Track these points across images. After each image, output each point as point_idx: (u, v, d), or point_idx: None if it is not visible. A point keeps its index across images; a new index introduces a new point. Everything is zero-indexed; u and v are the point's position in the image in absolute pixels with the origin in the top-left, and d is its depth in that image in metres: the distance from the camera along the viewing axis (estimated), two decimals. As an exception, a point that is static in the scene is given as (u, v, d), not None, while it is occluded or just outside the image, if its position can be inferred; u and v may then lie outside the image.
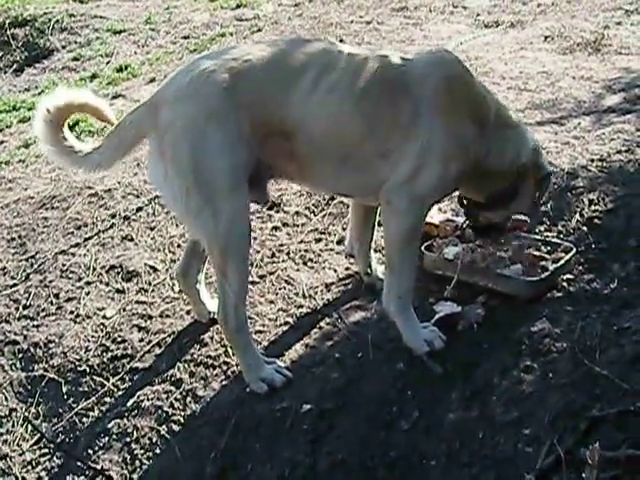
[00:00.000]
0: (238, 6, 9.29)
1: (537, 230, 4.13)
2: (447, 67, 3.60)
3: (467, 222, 4.00)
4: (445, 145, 3.46)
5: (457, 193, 3.92)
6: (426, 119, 3.45)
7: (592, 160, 4.56)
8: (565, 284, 3.73)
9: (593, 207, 4.15)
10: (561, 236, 4.06)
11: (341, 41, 7.36)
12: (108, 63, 8.16)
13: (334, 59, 3.47)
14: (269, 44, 3.56)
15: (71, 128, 6.09)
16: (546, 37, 7.03)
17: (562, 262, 3.77)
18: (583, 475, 2.67)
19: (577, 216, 4.14)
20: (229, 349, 3.82)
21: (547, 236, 4.07)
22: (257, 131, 3.38)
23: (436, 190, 3.57)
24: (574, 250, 3.84)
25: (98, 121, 6.12)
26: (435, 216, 4.17)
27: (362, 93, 3.44)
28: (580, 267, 3.82)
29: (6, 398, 4.05)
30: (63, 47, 8.87)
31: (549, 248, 3.94)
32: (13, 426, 3.91)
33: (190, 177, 3.38)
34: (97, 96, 3.88)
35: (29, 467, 3.76)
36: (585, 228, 4.05)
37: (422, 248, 3.95)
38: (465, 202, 3.91)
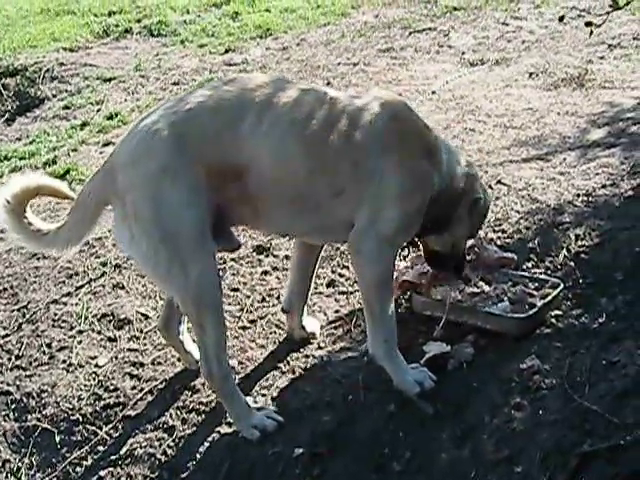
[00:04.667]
0: (227, 51, 9.38)
1: (524, 267, 4.15)
2: (389, 107, 3.62)
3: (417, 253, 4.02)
4: (401, 182, 3.49)
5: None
6: (376, 158, 3.48)
7: (578, 195, 4.61)
8: (553, 320, 3.75)
9: (580, 242, 4.19)
10: (549, 272, 4.09)
11: (328, 84, 7.47)
12: (99, 111, 8.21)
13: (276, 97, 3.48)
14: (209, 88, 3.58)
15: (62, 177, 6.20)
16: (531, 74, 7.12)
17: (550, 298, 3.79)
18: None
19: (564, 251, 4.16)
20: (220, 396, 3.82)
21: (535, 272, 4.09)
22: (211, 177, 3.40)
23: (402, 229, 3.59)
24: (562, 286, 3.87)
25: (88, 170, 6.32)
26: (407, 274, 4.13)
27: (306, 131, 3.46)
28: (568, 302, 3.85)
29: (-1, 449, 4.05)
30: (54, 96, 8.92)
31: (537, 284, 3.96)
32: (7, 477, 3.89)
33: (155, 235, 3.41)
34: (49, 177, 4.04)
35: (22, 519, 3.75)
36: (572, 263, 4.08)
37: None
38: None
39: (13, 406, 4.20)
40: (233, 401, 3.64)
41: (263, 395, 3.84)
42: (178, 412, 3.89)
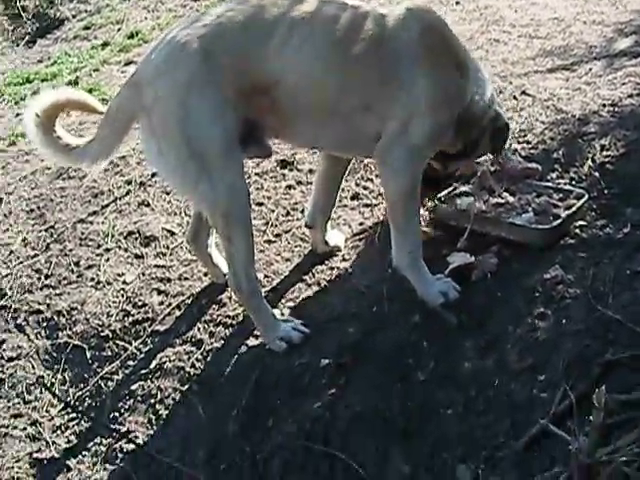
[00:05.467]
0: (249, -35, 9.21)
1: (549, 177, 4.12)
2: (423, 18, 3.59)
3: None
4: (431, 93, 3.47)
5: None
6: (408, 70, 3.46)
7: (604, 105, 4.52)
8: (578, 231, 3.72)
9: (605, 152, 4.12)
10: (573, 183, 4.04)
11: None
12: (119, 30, 8.16)
13: (307, 11, 3.46)
14: (238, 2, 3.55)
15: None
16: (557, -18, 6.94)
17: (574, 209, 3.76)
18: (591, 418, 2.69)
19: (589, 162, 4.11)
20: (247, 309, 3.86)
21: (559, 183, 4.05)
22: (239, 91, 3.40)
23: (430, 141, 3.56)
24: (586, 196, 3.83)
25: (111, 90, 6.30)
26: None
27: (336, 45, 3.45)
28: (593, 213, 3.81)
29: (33, 366, 4.13)
30: (74, 16, 8.87)
31: (561, 195, 3.93)
32: (41, 392, 4.00)
33: (183, 149, 3.42)
34: (78, 90, 3.92)
35: (58, 432, 3.84)
36: (597, 174, 4.02)
37: (435, 200, 3.98)
38: None
39: (44, 324, 4.30)
40: (260, 313, 3.69)
41: (289, 307, 3.89)
42: (206, 326, 3.95)
